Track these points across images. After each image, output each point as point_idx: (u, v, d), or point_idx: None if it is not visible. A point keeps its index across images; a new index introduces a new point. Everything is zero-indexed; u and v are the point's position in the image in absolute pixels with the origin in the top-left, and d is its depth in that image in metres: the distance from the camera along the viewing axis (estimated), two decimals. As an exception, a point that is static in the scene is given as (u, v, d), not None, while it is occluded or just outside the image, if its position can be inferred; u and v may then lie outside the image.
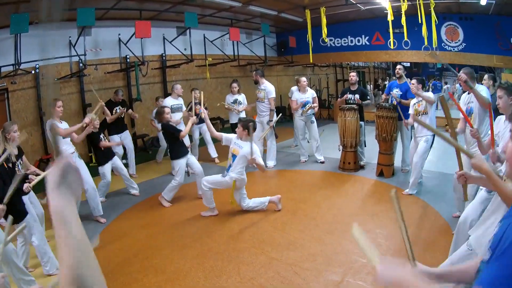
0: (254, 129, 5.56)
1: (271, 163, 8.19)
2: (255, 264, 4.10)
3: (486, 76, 5.98)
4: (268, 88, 7.99)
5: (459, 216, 5.04)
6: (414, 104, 6.07)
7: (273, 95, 8.06)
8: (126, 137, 7.90)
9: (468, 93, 4.82)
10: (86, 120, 5.67)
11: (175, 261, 4.27)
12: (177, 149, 6.17)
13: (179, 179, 6.08)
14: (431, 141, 5.89)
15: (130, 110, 8.27)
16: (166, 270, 4.06)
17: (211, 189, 5.42)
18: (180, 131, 6.16)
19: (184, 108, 8.03)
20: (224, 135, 5.69)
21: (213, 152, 8.91)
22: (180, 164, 6.08)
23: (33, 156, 8.24)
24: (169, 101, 7.80)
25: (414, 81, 5.97)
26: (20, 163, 4.49)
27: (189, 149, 6.95)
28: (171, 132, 6.12)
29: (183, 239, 4.85)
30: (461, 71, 4.73)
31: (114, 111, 7.76)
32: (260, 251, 4.39)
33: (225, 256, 4.31)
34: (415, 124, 5.99)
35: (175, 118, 7.64)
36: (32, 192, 4.61)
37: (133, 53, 9.78)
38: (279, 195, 5.68)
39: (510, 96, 3.63)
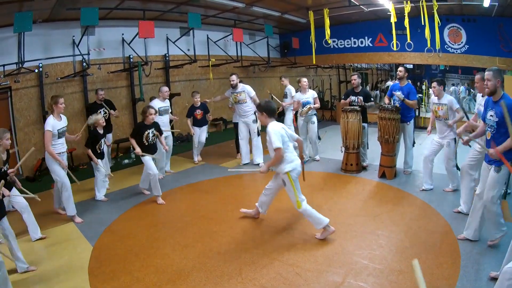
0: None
1: (260, 160, 8.22)
2: (257, 264, 4.10)
3: None
4: (247, 88, 8.09)
5: (459, 212, 5.12)
6: (434, 104, 5.95)
7: (254, 92, 8.21)
8: (109, 138, 8.06)
9: (482, 96, 4.90)
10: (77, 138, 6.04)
11: (177, 261, 4.27)
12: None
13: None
14: (454, 144, 5.82)
15: (115, 112, 8.30)
16: (168, 270, 4.07)
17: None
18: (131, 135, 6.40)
19: (170, 110, 8.05)
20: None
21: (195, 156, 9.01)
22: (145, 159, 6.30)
23: (35, 155, 8.26)
24: (156, 103, 7.66)
25: (435, 84, 5.82)
26: (6, 167, 4.54)
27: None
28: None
29: (185, 239, 4.85)
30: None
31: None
32: (261, 252, 4.39)
33: (226, 257, 4.31)
34: (437, 126, 5.98)
35: (163, 120, 7.62)
36: (14, 190, 4.75)
37: (136, 53, 9.80)
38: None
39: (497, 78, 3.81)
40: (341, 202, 5.93)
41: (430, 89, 6.16)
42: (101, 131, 6.30)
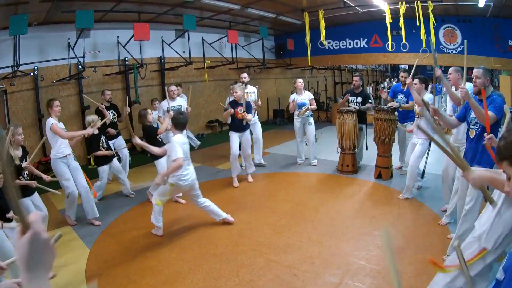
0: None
1: (261, 159, 8.28)
2: (254, 266, 4.10)
3: None
4: (255, 90, 8.05)
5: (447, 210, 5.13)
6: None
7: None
8: (120, 143, 7.64)
9: (456, 89, 4.93)
10: (89, 131, 5.76)
11: (173, 263, 4.26)
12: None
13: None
14: (427, 144, 5.76)
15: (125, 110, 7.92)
16: (164, 272, 4.06)
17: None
18: (157, 129, 6.24)
19: (185, 108, 7.83)
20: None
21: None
22: (161, 163, 6.00)
23: (32, 158, 8.23)
24: (165, 104, 7.66)
25: (416, 81, 5.84)
26: (24, 162, 4.53)
27: None
28: (149, 133, 6.16)
29: (181, 241, 4.85)
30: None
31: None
32: (258, 254, 4.39)
33: (223, 259, 4.31)
34: (414, 128, 5.96)
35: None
36: (36, 195, 4.65)
37: (131, 56, 9.79)
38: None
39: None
40: (338, 204, 5.93)
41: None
42: (96, 131, 6.26)
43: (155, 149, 5.29)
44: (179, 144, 4.67)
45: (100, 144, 6.21)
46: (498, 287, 1.39)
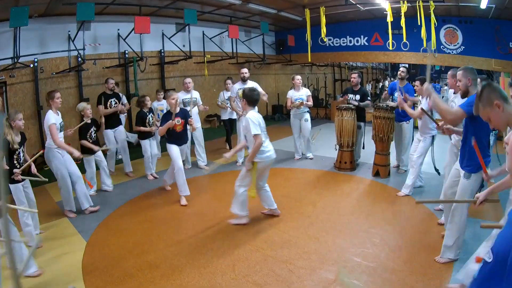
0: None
1: None
2: (250, 261, 4.12)
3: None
4: (259, 87, 8.00)
5: (440, 209, 5.17)
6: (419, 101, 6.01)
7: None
8: (120, 132, 7.51)
9: (454, 92, 4.90)
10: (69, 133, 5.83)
11: (170, 257, 4.28)
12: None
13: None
14: (430, 141, 5.82)
15: (125, 105, 7.85)
16: (161, 266, 4.07)
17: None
18: (146, 116, 7.21)
19: (200, 103, 7.83)
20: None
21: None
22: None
23: (30, 150, 8.19)
24: (180, 95, 7.66)
25: (417, 82, 5.94)
26: (22, 150, 4.53)
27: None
28: (141, 119, 7.16)
29: (178, 235, 4.86)
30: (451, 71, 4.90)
31: (109, 104, 7.36)
32: (255, 248, 4.41)
33: (220, 253, 4.33)
34: (419, 124, 5.97)
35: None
36: (28, 182, 4.71)
37: (132, 49, 9.79)
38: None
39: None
40: (335, 200, 5.95)
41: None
42: (88, 121, 6.22)
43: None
44: (254, 120, 4.70)
45: (88, 135, 6.23)
46: (485, 268, 1.39)
